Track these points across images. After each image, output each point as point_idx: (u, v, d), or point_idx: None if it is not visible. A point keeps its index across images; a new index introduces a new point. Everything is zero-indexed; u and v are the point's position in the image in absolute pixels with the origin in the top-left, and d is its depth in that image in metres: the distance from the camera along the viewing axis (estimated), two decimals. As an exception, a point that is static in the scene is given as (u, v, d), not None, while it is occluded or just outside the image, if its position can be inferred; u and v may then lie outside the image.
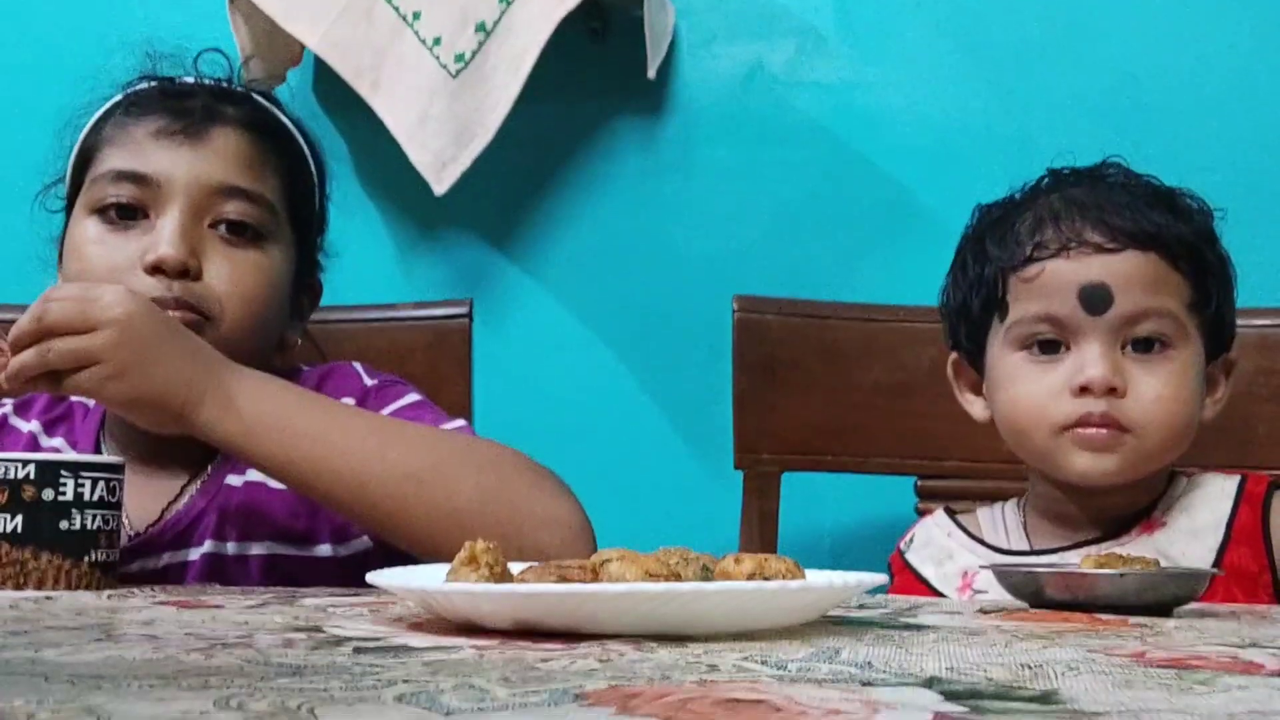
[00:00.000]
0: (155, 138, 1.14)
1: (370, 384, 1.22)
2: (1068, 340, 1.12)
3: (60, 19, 2.04)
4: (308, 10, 1.82)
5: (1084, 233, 1.11)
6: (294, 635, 0.62)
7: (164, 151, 1.13)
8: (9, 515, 0.90)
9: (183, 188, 1.12)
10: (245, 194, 1.15)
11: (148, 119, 1.15)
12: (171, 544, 1.12)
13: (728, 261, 1.85)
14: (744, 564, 0.69)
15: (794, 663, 0.54)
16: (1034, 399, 1.12)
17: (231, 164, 1.15)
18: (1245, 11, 1.74)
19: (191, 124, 1.14)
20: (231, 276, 1.12)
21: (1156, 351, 1.11)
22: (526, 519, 1.03)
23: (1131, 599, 0.81)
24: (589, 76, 1.90)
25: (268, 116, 1.22)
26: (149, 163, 1.13)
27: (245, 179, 1.15)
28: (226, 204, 1.13)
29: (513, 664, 0.52)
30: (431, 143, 1.79)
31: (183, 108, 1.15)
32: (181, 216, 1.11)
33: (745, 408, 1.53)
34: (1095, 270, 1.10)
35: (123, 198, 1.12)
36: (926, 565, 1.21)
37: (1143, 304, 1.10)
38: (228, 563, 1.12)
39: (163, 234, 1.10)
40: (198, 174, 1.13)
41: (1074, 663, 0.55)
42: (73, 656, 0.53)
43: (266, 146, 1.19)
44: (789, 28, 1.86)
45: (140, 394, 0.98)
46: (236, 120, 1.17)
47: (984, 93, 1.81)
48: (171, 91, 1.18)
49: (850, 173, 1.83)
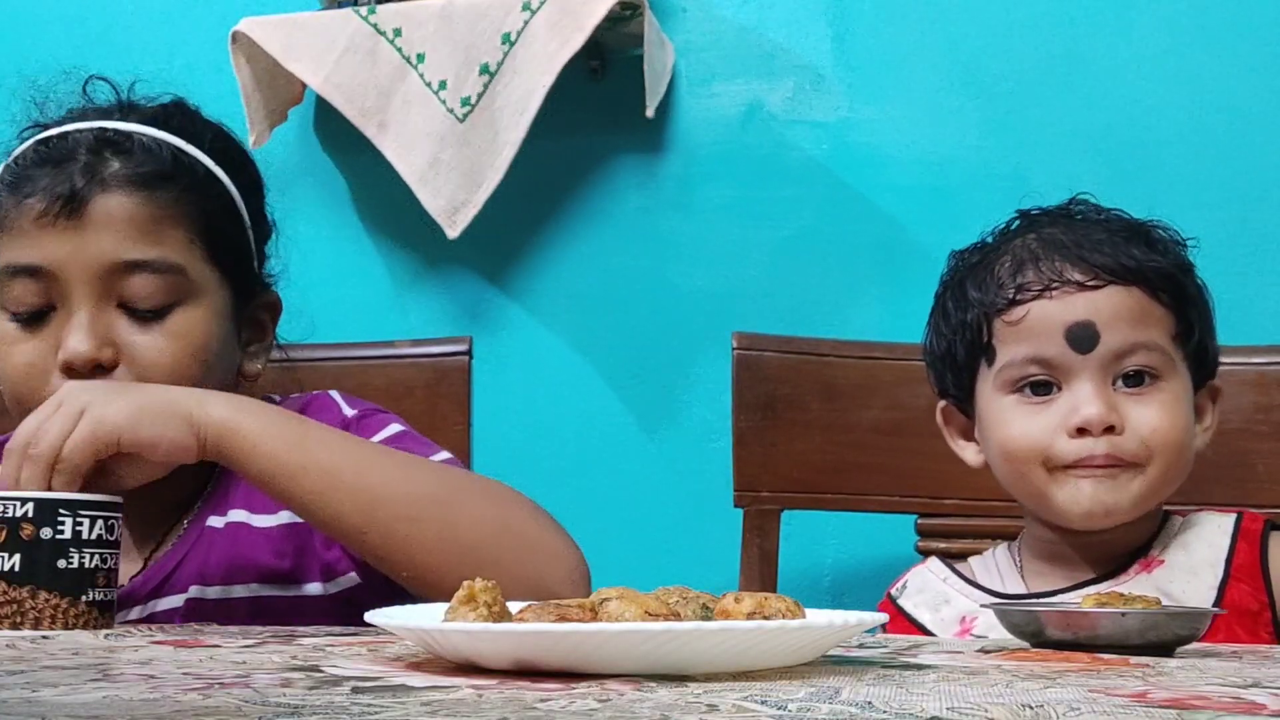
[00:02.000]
0: (38, 223, 1.06)
1: (350, 414, 1.18)
2: (1058, 380, 1.12)
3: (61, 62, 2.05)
4: (310, 50, 1.83)
5: (1065, 271, 1.11)
6: (292, 674, 0.62)
7: (51, 239, 1.06)
8: (7, 554, 0.89)
9: (77, 275, 1.05)
10: (145, 265, 1.07)
11: (29, 200, 1.07)
12: (155, 592, 1.10)
13: (726, 298, 1.85)
14: (744, 603, 0.68)
15: (794, 702, 0.53)
16: (1030, 440, 1.12)
17: (122, 236, 1.07)
18: (1241, 49, 1.76)
19: (72, 200, 1.06)
20: (151, 350, 1.07)
21: (1147, 385, 1.11)
22: (534, 553, 1.02)
23: (1133, 639, 0.81)
24: (588, 115, 1.91)
25: (161, 164, 1.11)
26: (39, 253, 1.06)
27: (140, 247, 1.07)
28: (128, 282, 1.06)
29: (511, 704, 0.52)
30: (444, 188, 1.80)
31: (61, 176, 1.07)
32: (85, 306, 1.05)
33: (745, 445, 1.52)
34: (1080, 309, 1.10)
35: (27, 296, 1.06)
36: (922, 610, 1.20)
37: (1130, 339, 1.10)
38: (213, 607, 1.09)
39: (71, 329, 1.05)
40: (88, 259, 1.06)
41: (1075, 703, 0.54)
42: (70, 696, 0.53)
43: (162, 200, 1.09)
44: (787, 67, 1.87)
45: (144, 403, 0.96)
46: (122, 180, 1.08)
47: (981, 131, 1.81)
48: (48, 157, 1.09)
49: (848, 211, 1.84)
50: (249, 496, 1.12)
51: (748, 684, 0.60)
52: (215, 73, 1.89)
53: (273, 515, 1.11)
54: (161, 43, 2.03)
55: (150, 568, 1.11)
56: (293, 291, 1.27)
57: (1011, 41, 1.82)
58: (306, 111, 1.99)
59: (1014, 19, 1.82)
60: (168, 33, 2.04)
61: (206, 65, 1.94)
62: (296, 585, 1.11)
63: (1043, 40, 1.81)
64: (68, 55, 2.04)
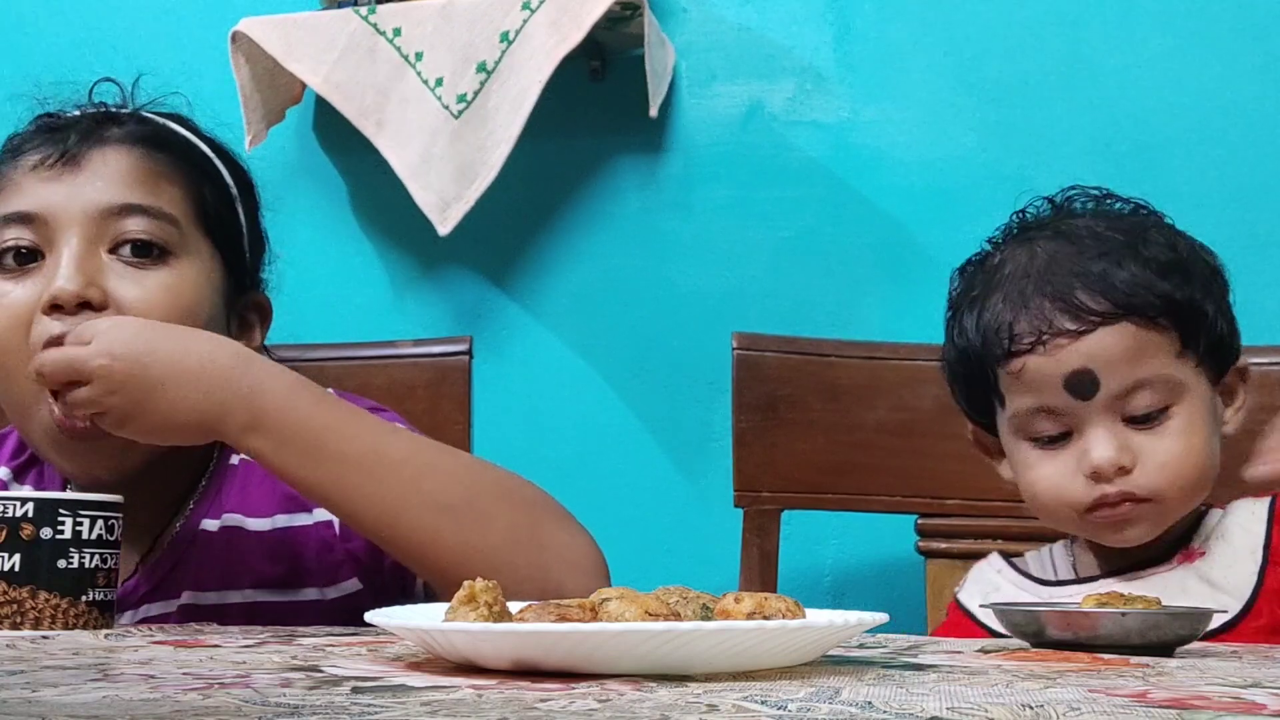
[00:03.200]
0: (34, 172, 1.08)
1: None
2: (1068, 425, 1.12)
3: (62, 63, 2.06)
4: (309, 50, 1.84)
5: (1054, 320, 1.09)
6: (292, 675, 0.62)
7: (45, 185, 1.07)
8: (7, 554, 0.89)
9: (70, 218, 1.06)
10: (139, 209, 1.07)
11: (25, 155, 1.09)
12: (148, 597, 1.09)
13: (727, 299, 1.85)
14: (744, 603, 0.68)
15: (794, 702, 0.53)
16: (1051, 484, 1.13)
17: (118, 182, 1.08)
18: (1241, 50, 1.75)
19: (68, 151, 1.08)
20: (140, 299, 1.05)
21: (1156, 420, 1.11)
22: (554, 560, 1.00)
23: (1133, 638, 0.81)
24: (589, 115, 1.91)
25: (160, 130, 1.14)
26: (32, 199, 1.07)
27: (136, 194, 1.08)
28: (122, 223, 1.06)
29: (511, 704, 0.52)
30: (435, 183, 1.80)
31: (60, 137, 1.10)
32: (75, 247, 1.05)
33: (745, 446, 1.52)
34: (1075, 359, 1.09)
35: (15, 242, 1.06)
36: (974, 600, 1.21)
37: (1130, 377, 1.09)
38: (207, 614, 1.08)
39: (58, 270, 1.04)
40: (83, 201, 1.06)
41: (1075, 703, 0.54)
42: (70, 696, 0.53)
43: (161, 159, 1.11)
44: (788, 67, 1.87)
45: (151, 432, 0.97)
46: (120, 139, 1.10)
47: (982, 131, 1.81)
48: (49, 125, 1.12)
49: (849, 211, 1.84)
50: (243, 497, 1.11)
51: (748, 684, 0.60)
52: (215, 73, 1.89)
53: (267, 519, 1.10)
54: (161, 43, 2.03)
55: (142, 572, 1.10)
56: (293, 291, 1.26)
57: (1012, 42, 1.82)
58: (306, 112, 1.99)
59: (1015, 20, 1.82)
60: (168, 33, 2.04)
61: (206, 65, 1.94)
62: (293, 591, 1.10)
63: (1044, 41, 1.81)
64: (67, 55, 2.05)
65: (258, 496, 1.11)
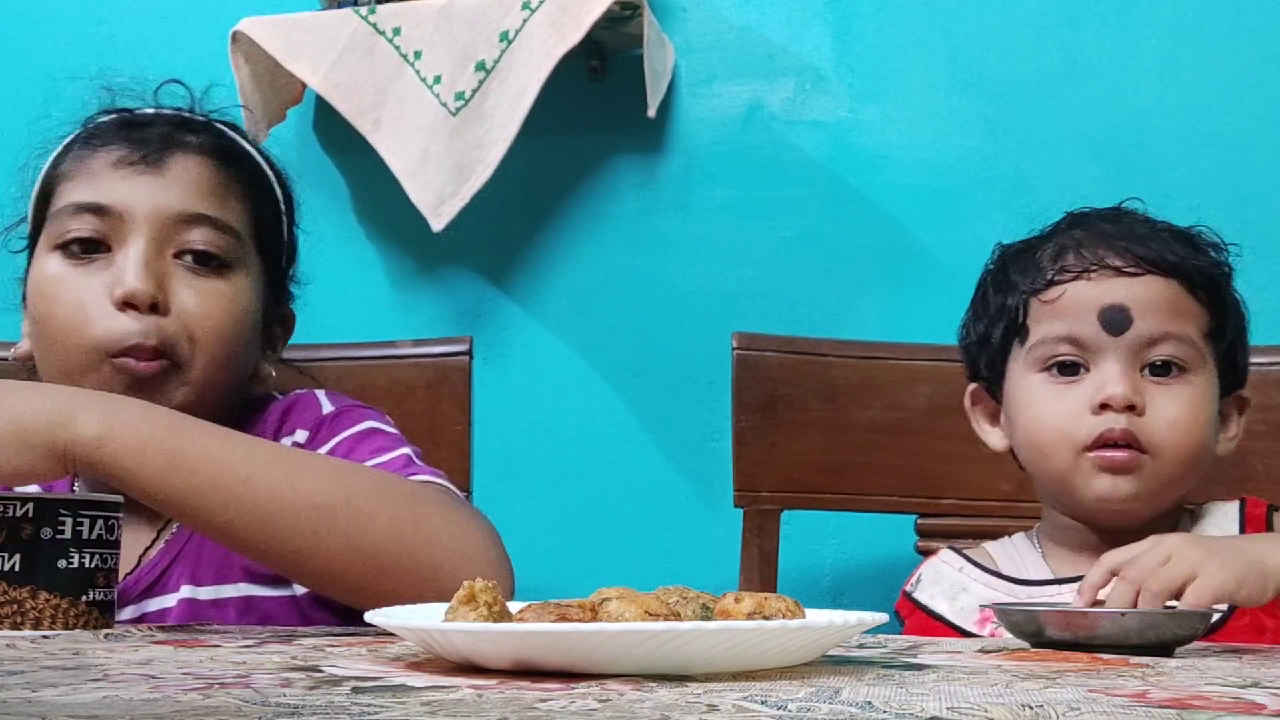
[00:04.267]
0: (114, 168, 1.11)
1: (328, 411, 1.17)
2: (1087, 362, 1.14)
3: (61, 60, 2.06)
4: (309, 49, 1.84)
5: (1106, 258, 1.14)
6: (292, 675, 0.62)
7: (124, 181, 1.10)
8: (7, 554, 0.89)
9: (144, 218, 1.09)
10: (210, 221, 1.11)
11: (106, 150, 1.12)
12: (147, 592, 1.10)
13: (727, 299, 1.85)
14: (744, 603, 0.68)
15: (794, 702, 0.53)
16: (1055, 419, 1.14)
17: (193, 192, 1.12)
18: (1243, 50, 1.76)
19: (150, 152, 1.11)
20: (199, 309, 1.09)
21: (1174, 375, 1.13)
22: (443, 555, 0.97)
23: (1133, 639, 0.81)
24: (588, 114, 1.91)
25: (230, 143, 1.18)
26: (109, 193, 1.10)
27: (208, 206, 1.12)
28: (190, 232, 1.10)
29: (511, 704, 0.52)
30: (432, 181, 1.80)
31: (141, 137, 1.12)
32: (145, 248, 1.08)
33: (745, 445, 1.52)
34: (1116, 292, 1.12)
35: (84, 231, 1.09)
36: (939, 601, 1.21)
37: (1162, 328, 1.12)
38: (204, 608, 1.09)
39: (128, 267, 1.07)
40: (158, 203, 1.10)
41: (1075, 703, 0.54)
42: (70, 696, 0.53)
43: (230, 173, 1.15)
44: (788, 67, 1.87)
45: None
46: (197, 147, 1.14)
47: (982, 131, 1.81)
48: (130, 122, 1.15)
49: (849, 211, 1.84)
50: None
51: (748, 684, 0.60)
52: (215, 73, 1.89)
53: None
54: (161, 43, 2.03)
55: (143, 567, 1.11)
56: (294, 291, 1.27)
57: (1012, 42, 1.82)
58: (306, 112, 1.99)
59: (1014, 20, 1.82)
60: (168, 33, 2.04)
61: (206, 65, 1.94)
62: (286, 585, 1.10)
63: (1043, 41, 1.81)
64: (68, 54, 2.05)
65: None
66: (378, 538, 0.95)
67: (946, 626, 1.19)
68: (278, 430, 1.16)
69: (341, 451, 1.12)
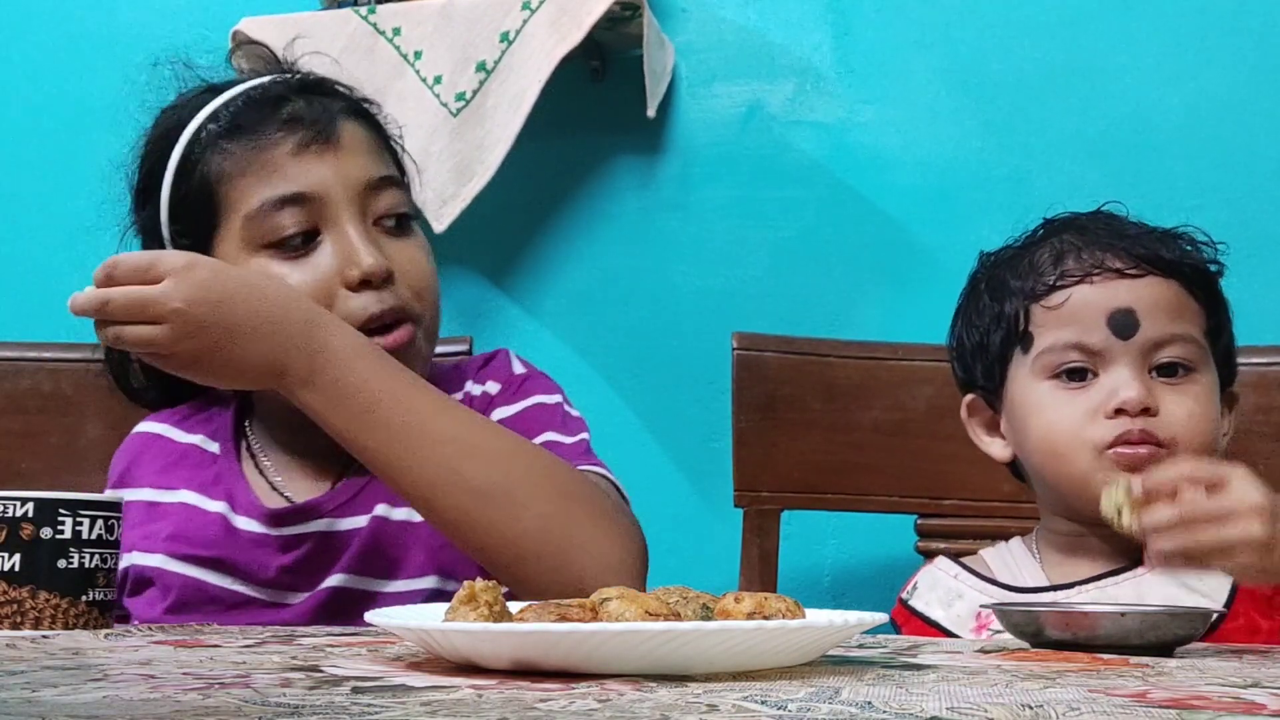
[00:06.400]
0: (296, 155, 1.11)
1: (519, 372, 1.23)
2: (1095, 366, 1.13)
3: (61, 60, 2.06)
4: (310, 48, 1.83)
5: (1107, 260, 1.13)
6: (292, 675, 0.62)
7: (311, 165, 1.11)
8: (7, 554, 0.89)
9: (342, 195, 1.11)
10: (391, 181, 1.15)
11: (270, 136, 1.12)
12: (340, 510, 1.12)
13: (727, 299, 1.85)
14: (744, 603, 0.69)
15: (794, 702, 0.53)
16: (1070, 424, 1.13)
17: (367, 157, 1.14)
18: (1242, 51, 1.75)
19: (321, 129, 1.12)
20: (414, 267, 1.13)
21: (1181, 376, 1.13)
22: (580, 556, 1.01)
23: (1133, 639, 0.81)
24: (588, 115, 1.91)
25: (352, 94, 1.20)
26: (301, 181, 1.10)
27: (381, 165, 1.15)
28: (380, 198, 1.13)
29: (511, 704, 0.52)
30: (432, 181, 1.80)
31: (300, 116, 1.13)
32: (357, 224, 1.11)
33: (745, 446, 1.52)
34: (1122, 295, 1.12)
35: (297, 226, 1.09)
36: (934, 608, 1.20)
37: (1168, 329, 1.12)
38: (396, 529, 1.12)
39: (355, 247, 1.09)
40: (348, 177, 1.12)
41: (1075, 703, 0.54)
42: (70, 696, 0.53)
43: (373, 125, 1.18)
44: (788, 68, 1.87)
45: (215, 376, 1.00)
46: (346, 112, 1.16)
47: (981, 132, 1.81)
48: (263, 101, 1.14)
49: (848, 212, 1.84)
50: None
51: (748, 684, 0.60)
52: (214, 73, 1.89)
53: None
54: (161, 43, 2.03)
55: (340, 486, 1.14)
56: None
57: (1012, 42, 1.82)
58: (306, 111, 1.99)
59: (1014, 20, 1.82)
60: (168, 33, 2.04)
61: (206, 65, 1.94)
62: None
63: (1043, 41, 1.81)
64: (68, 54, 2.05)
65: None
66: (523, 529, 0.99)
67: (941, 633, 1.19)
68: (477, 377, 1.21)
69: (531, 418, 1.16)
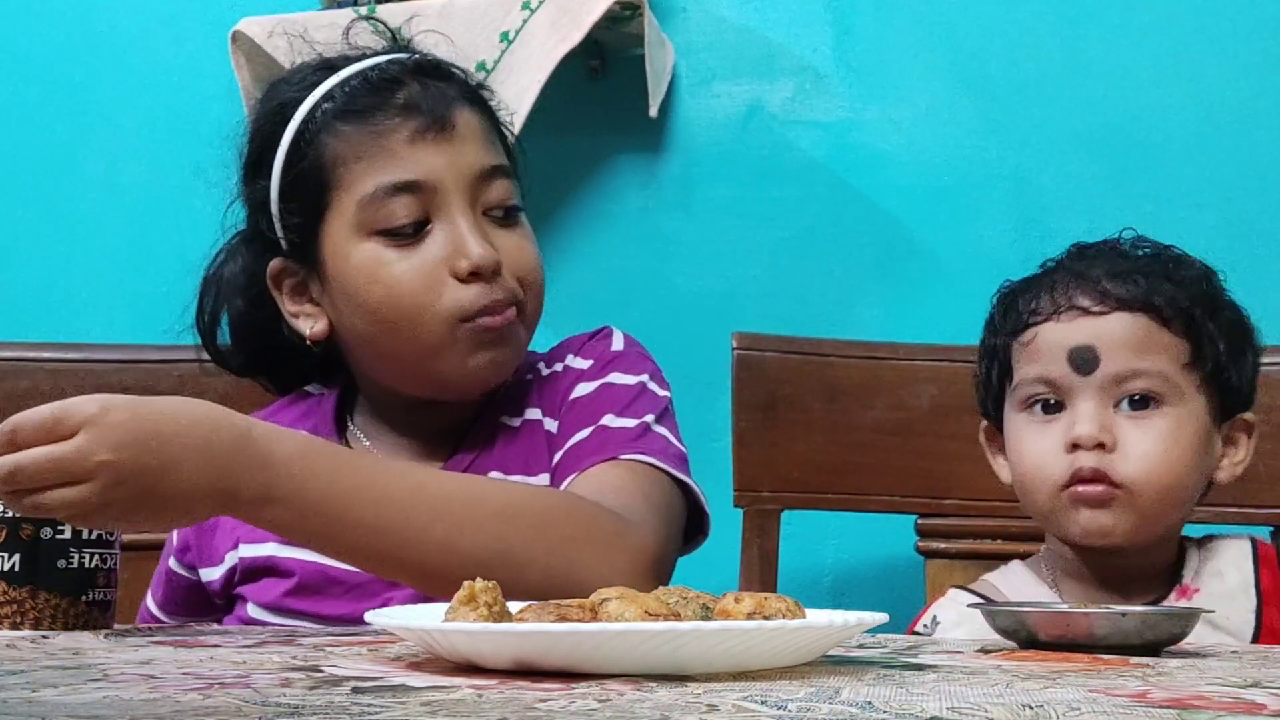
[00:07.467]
0: (412, 142, 1.11)
1: (616, 350, 1.24)
2: (1063, 400, 1.15)
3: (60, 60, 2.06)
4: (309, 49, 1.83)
5: (1074, 298, 1.16)
6: (292, 674, 0.62)
7: (426, 153, 1.10)
8: (7, 554, 0.89)
9: (454, 185, 1.10)
10: (501, 170, 1.14)
11: (389, 121, 1.11)
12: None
13: (727, 299, 1.85)
14: (744, 603, 0.69)
15: (794, 702, 0.53)
16: (1036, 457, 1.16)
17: (478, 145, 1.14)
18: (1241, 49, 1.75)
19: (437, 117, 1.11)
20: (521, 260, 1.13)
21: (1150, 409, 1.14)
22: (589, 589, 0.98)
23: (1131, 639, 0.81)
24: (589, 114, 1.91)
25: (469, 78, 1.19)
26: (417, 169, 1.10)
27: (493, 154, 1.15)
28: (490, 188, 1.13)
29: (511, 704, 0.52)
30: (433, 181, 1.80)
31: (416, 101, 1.12)
32: (466, 215, 1.10)
33: (745, 445, 1.52)
34: (1083, 333, 1.14)
35: (411, 215, 1.09)
36: None
37: (1131, 365, 1.13)
38: None
39: (466, 238, 1.09)
40: (461, 167, 1.11)
41: (1075, 703, 0.55)
42: (70, 696, 0.53)
43: (486, 111, 1.18)
44: (788, 67, 1.87)
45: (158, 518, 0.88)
46: (460, 99, 1.15)
47: (982, 132, 1.81)
48: (379, 84, 1.13)
49: (849, 211, 1.84)
50: (540, 397, 1.19)
51: (748, 684, 0.60)
52: (215, 73, 1.89)
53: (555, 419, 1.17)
54: (161, 43, 2.03)
55: (451, 462, 1.15)
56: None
57: (1012, 41, 1.82)
58: (307, 111, 1.99)
59: (1014, 19, 1.82)
60: (168, 33, 2.04)
61: (206, 65, 1.94)
62: None
63: (1043, 40, 1.81)
64: (68, 54, 2.05)
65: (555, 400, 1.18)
66: (529, 585, 0.93)
67: None
68: (580, 351, 1.24)
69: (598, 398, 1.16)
